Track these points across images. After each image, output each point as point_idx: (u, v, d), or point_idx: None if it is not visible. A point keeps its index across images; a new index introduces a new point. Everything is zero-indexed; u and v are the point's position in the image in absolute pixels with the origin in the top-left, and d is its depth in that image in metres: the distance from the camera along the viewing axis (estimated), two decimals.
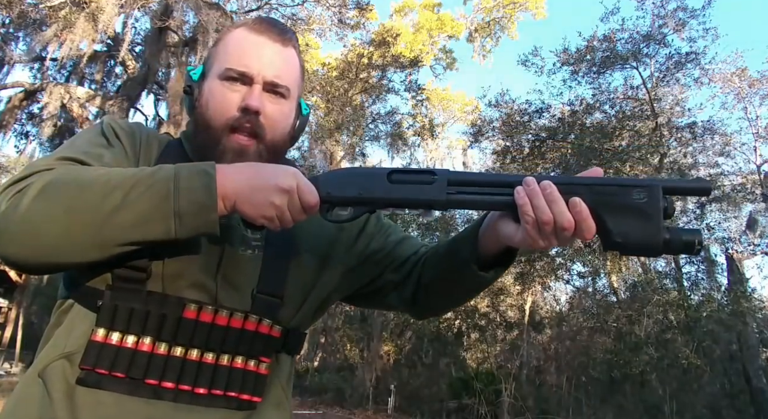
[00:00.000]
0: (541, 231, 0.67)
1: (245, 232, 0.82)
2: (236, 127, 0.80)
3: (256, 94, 0.81)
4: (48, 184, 0.65)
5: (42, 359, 0.72)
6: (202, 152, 0.82)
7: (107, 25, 8.33)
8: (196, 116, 0.85)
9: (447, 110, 18.11)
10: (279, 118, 0.84)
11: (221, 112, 0.81)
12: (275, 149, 0.84)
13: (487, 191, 0.71)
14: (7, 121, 9.75)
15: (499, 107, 11.02)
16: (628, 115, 9.66)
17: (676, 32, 9.54)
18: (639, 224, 0.65)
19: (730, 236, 9.67)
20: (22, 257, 0.65)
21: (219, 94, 0.82)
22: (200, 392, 0.71)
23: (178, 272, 0.74)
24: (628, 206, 0.66)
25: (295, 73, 0.88)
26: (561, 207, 0.66)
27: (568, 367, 9.81)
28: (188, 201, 0.65)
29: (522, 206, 0.67)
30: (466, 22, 17.19)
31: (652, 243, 0.64)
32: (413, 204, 0.72)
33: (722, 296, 8.44)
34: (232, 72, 0.81)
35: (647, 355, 7.47)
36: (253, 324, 0.76)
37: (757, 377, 8.17)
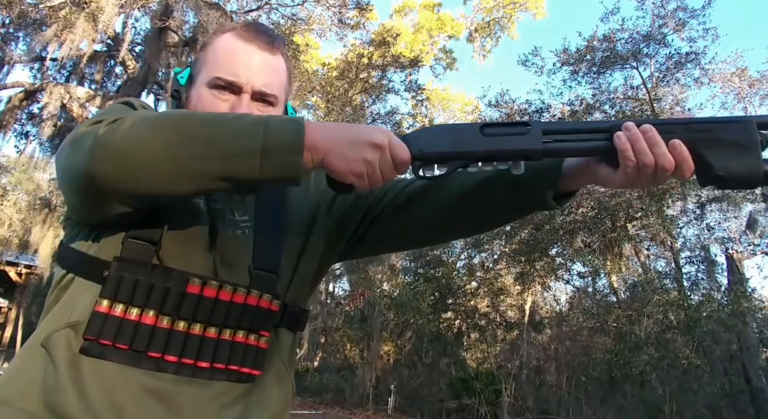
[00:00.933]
0: (641, 173, 0.69)
1: (232, 216, 0.84)
2: None
3: (245, 104, 0.82)
4: (142, 117, 0.66)
5: (44, 328, 0.72)
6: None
7: (107, 25, 8.33)
8: None
9: (447, 110, 18.12)
10: None
11: None
12: None
13: (585, 138, 0.71)
14: (7, 121, 9.75)
15: (499, 106, 11.02)
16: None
17: (676, 32, 9.54)
18: (738, 157, 0.66)
19: (730, 236, 9.67)
20: (113, 174, 0.64)
21: (208, 102, 0.83)
22: (202, 366, 0.73)
23: (178, 250, 0.76)
24: (727, 140, 0.67)
25: (282, 80, 0.89)
26: (662, 149, 0.68)
27: (568, 367, 9.81)
28: (275, 141, 0.64)
29: (624, 151, 0.68)
30: (466, 22, 17.20)
31: (754, 174, 0.65)
32: (510, 155, 0.71)
33: (722, 296, 8.44)
34: (221, 81, 0.83)
35: (647, 355, 7.47)
36: (254, 299, 0.78)
37: (757, 377, 8.17)
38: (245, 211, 0.86)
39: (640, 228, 9.40)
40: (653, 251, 10.49)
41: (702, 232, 9.37)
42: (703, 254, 9.43)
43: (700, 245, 9.48)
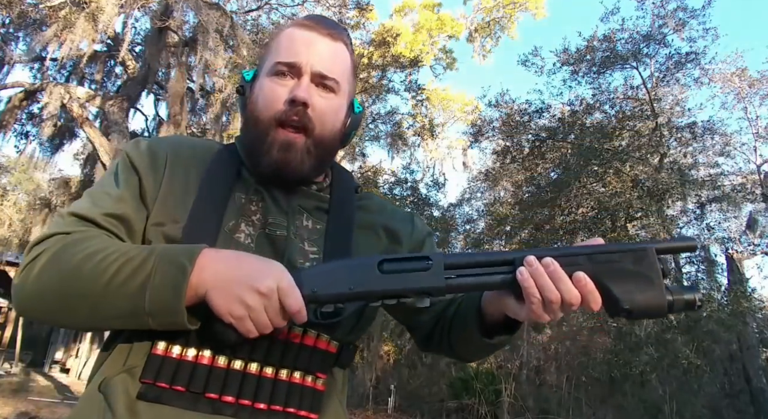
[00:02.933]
0: (547, 308, 0.66)
1: (302, 244, 0.81)
2: (283, 120, 0.79)
3: (304, 85, 0.79)
4: (51, 259, 0.68)
5: (102, 373, 0.72)
6: (251, 149, 0.83)
7: (107, 25, 8.33)
8: (247, 114, 0.84)
9: (447, 110, 18.11)
10: (328, 112, 0.82)
11: (269, 106, 0.80)
12: (323, 146, 0.83)
13: (488, 271, 0.69)
14: (7, 121, 9.75)
15: (499, 106, 11.01)
16: (628, 115, 9.65)
17: (676, 32, 9.53)
18: (643, 290, 0.65)
19: (730, 236, 9.68)
20: (37, 318, 0.72)
21: (268, 89, 0.81)
22: (260, 407, 0.70)
23: None
24: (630, 271, 0.66)
25: (345, 68, 0.85)
26: (567, 285, 0.66)
27: (568, 367, 9.81)
28: (156, 302, 0.64)
29: (527, 288, 0.66)
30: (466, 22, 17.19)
31: (658, 305, 0.65)
32: (411, 293, 0.68)
33: (722, 296, 8.44)
34: (281, 65, 0.81)
35: (647, 355, 7.47)
36: (311, 339, 0.76)
37: (757, 377, 8.17)
38: (315, 242, 0.83)
39: (640, 228, 9.40)
40: None
41: (702, 232, 9.36)
42: (703, 254, 9.42)
43: (700, 245, 9.47)
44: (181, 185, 0.80)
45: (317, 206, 0.87)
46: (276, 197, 0.83)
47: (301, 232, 0.83)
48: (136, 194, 0.78)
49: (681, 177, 8.48)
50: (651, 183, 8.55)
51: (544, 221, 10.10)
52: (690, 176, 8.80)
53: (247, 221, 0.80)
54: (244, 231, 0.79)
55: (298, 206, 0.85)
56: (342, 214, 0.87)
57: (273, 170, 0.80)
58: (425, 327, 0.93)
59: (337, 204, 0.88)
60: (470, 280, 0.68)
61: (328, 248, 0.82)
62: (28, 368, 12.26)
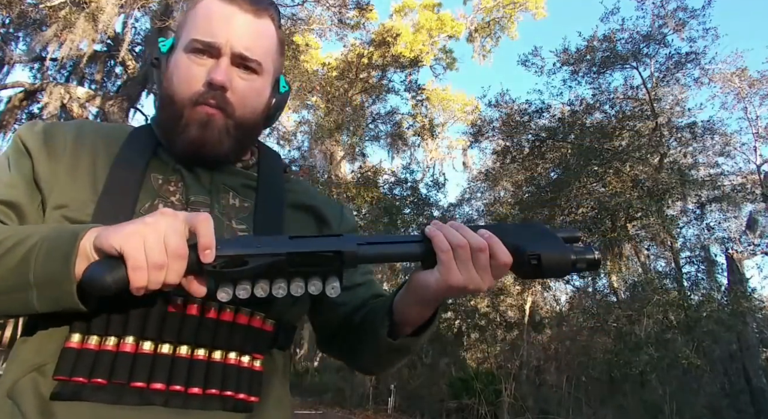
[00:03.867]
0: (457, 258, 0.64)
1: (229, 222, 0.76)
2: (200, 102, 0.74)
3: (223, 67, 0.74)
4: None
5: (8, 375, 0.64)
6: (166, 128, 0.78)
7: (107, 25, 8.33)
8: (161, 90, 0.79)
9: (447, 110, 18.11)
10: (249, 95, 0.77)
11: (185, 86, 0.75)
12: (244, 128, 0.78)
13: (398, 240, 0.69)
14: (7, 121, 9.75)
15: (499, 107, 11.02)
16: (628, 115, 9.66)
17: (676, 32, 9.53)
18: (547, 245, 0.67)
19: (730, 236, 9.67)
20: None
21: (184, 67, 0.76)
22: (194, 392, 0.65)
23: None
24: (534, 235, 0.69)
25: (269, 46, 0.80)
26: (471, 232, 0.66)
27: (568, 367, 9.81)
28: (42, 270, 0.57)
29: (435, 237, 0.65)
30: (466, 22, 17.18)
31: (563, 260, 0.66)
32: (319, 258, 0.63)
33: (722, 296, 8.44)
34: (198, 43, 0.75)
35: (647, 355, 7.46)
36: (245, 318, 0.71)
37: (757, 377, 8.17)
38: (243, 220, 0.78)
39: (640, 228, 9.40)
40: (653, 251, 10.50)
41: (702, 232, 9.37)
42: (703, 254, 9.43)
43: (700, 245, 9.48)
44: (87, 167, 0.74)
45: (244, 183, 0.82)
46: (197, 175, 0.78)
47: (228, 211, 0.78)
48: (29, 178, 0.73)
49: (681, 177, 8.48)
50: (651, 183, 8.56)
51: (544, 221, 10.09)
52: (690, 176, 8.80)
53: (165, 202, 0.74)
54: None
55: (223, 185, 0.80)
56: (271, 191, 0.83)
57: (190, 149, 0.76)
58: (331, 325, 0.88)
59: (265, 182, 0.84)
60: (381, 248, 0.67)
61: (258, 225, 0.77)
62: None
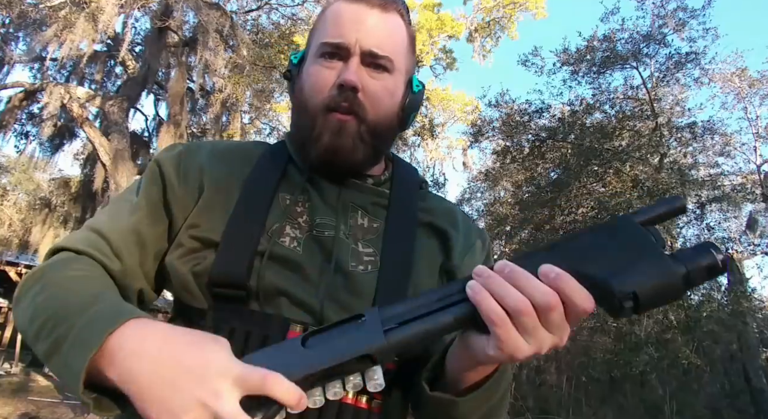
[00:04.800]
0: (519, 326, 0.48)
1: (354, 245, 0.72)
2: (332, 107, 0.71)
3: (353, 68, 0.71)
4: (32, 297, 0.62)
5: None
6: (300, 138, 0.76)
7: (107, 25, 8.33)
8: (294, 100, 0.78)
9: (447, 110, 18.11)
10: (381, 94, 0.73)
11: (317, 91, 0.73)
12: (378, 131, 0.74)
13: (435, 307, 0.51)
14: (7, 121, 9.75)
15: (499, 107, 11.02)
16: (628, 115, 9.65)
17: (676, 32, 9.53)
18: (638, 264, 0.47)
19: (730, 236, 9.67)
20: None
21: (314, 73, 0.74)
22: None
23: (276, 290, 0.65)
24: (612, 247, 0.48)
25: (400, 42, 0.76)
26: (532, 282, 0.48)
27: (568, 367, 9.81)
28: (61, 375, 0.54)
29: (481, 302, 0.48)
30: (466, 22, 17.18)
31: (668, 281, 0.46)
32: (346, 367, 0.50)
33: (722, 296, 8.44)
34: (327, 46, 0.73)
35: (647, 355, 7.47)
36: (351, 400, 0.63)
37: (757, 377, 8.17)
38: (371, 243, 0.73)
39: None
40: None
41: (702, 232, 9.36)
42: None
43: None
44: (222, 188, 0.73)
45: (374, 201, 0.78)
46: (325, 195, 0.75)
47: (355, 231, 0.74)
48: (156, 203, 0.73)
49: (681, 177, 8.48)
50: (651, 183, 8.56)
51: (544, 221, 10.10)
52: (690, 176, 8.81)
53: (292, 223, 0.72)
54: (289, 234, 0.71)
55: (351, 203, 0.76)
56: (403, 211, 0.77)
57: (324, 158, 0.73)
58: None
59: (397, 200, 0.78)
60: (417, 326, 0.51)
61: (386, 248, 0.72)
62: (29, 368, 12.26)
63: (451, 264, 0.77)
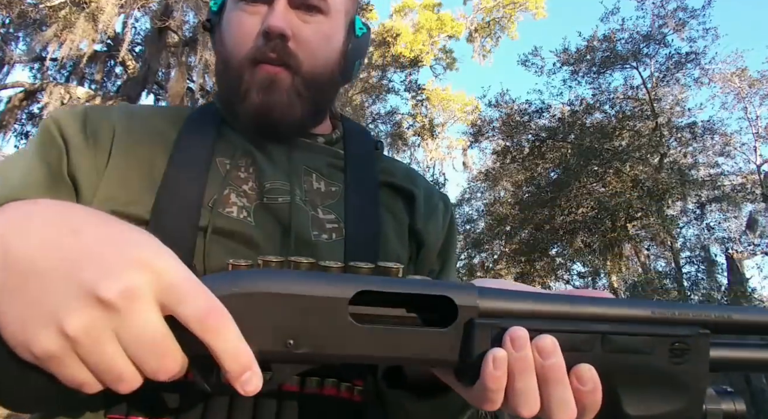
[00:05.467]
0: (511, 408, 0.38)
1: (314, 211, 0.63)
2: (259, 59, 0.62)
3: (279, 11, 0.61)
4: None
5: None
6: (226, 97, 0.67)
7: (107, 25, 8.33)
8: (216, 54, 0.68)
9: (447, 110, 18.11)
10: (317, 40, 0.64)
11: (239, 43, 0.63)
12: (317, 83, 0.65)
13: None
14: (7, 121, 9.75)
15: (499, 107, 11.02)
16: (628, 115, 9.66)
17: (676, 32, 9.54)
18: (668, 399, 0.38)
19: (730, 236, 9.67)
20: None
21: (236, 20, 0.64)
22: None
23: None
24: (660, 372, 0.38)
25: None
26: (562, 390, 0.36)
27: None
28: None
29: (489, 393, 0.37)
30: (466, 22, 17.19)
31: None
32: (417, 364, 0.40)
33: (722, 296, 8.44)
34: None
35: None
36: (332, 389, 0.56)
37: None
38: (331, 208, 0.65)
39: (640, 228, 9.40)
40: (653, 251, 10.49)
41: (702, 232, 9.37)
42: (703, 254, 9.42)
43: (700, 245, 9.48)
44: (142, 155, 0.61)
45: (330, 162, 0.69)
46: (272, 157, 0.66)
47: (312, 196, 0.65)
48: (56, 170, 0.59)
49: (681, 177, 8.48)
50: (651, 183, 8.56)
51: (544, 221, 10.10)
52: (690, 176, 8.81)
53: (237, 190, 0.62)
54: (236, 204, 0.60)
55: (304, 166, 0.67)
56: (363, 171, 0.68)
57: (256, 119, 0.64)
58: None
59: (355, 160, 0.69)
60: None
61: (350, 214, 0.64)
62: None
63: (416, 227, 0.69)
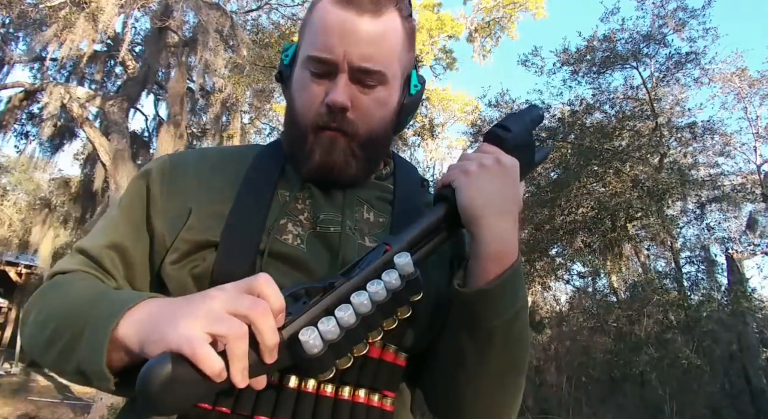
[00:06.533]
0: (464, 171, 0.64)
1: (361, 240, 0.70)
2: (322, 125, 0.70)
3: (340, 87, 0.67)
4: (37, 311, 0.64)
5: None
6: (291, 150, 0.75)
7: (107, 25, 8.33)
8: (287, 106, 0.76)
9: (447, 110, 18.11)
10: (373, 109, 0.71)
11: (306, 107, 0.71)
12: (371, 144, 0.72)
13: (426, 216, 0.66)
14: (7, 121, 9.75)
15: (499, 106, 11.02)
16: (628, 115, 9.66)
17: (676, 32, 9.53)
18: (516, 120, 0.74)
19: (730, 236, 9.67)
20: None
21: (303, 87, 0.71)
22: None
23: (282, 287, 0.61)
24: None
25: (393, 46, 0.71)
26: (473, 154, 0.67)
27: (568, 367, 9.81)
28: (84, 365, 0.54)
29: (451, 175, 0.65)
30: (466, 22, 17.18)
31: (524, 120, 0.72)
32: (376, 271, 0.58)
33: (722, 296, 8.44)
34: (314, 61, 0.69)
35: (647, 355, 7.47)
36: (376, 351, 0.63)
37: (757, 377, 8.18)
38: (378, 237, 0.72)
39: (640, 228, 9.40)
40: (653, 251, 10.49)
41: (702, 232, 9.36)
42: (703, 254, 9.42)
43: (700, 245, 9.47)
44: (214, 189, 0.71)
45: (379, 196, 0.77)
46: (328, 191, 0.74)
47: (361, 226, 0.72)
48: (139, 218, 0.71)
49: (681, 177, 8.48)
50: (651, 183, 8.55)
51: (544, 221, 10.10)
52: (690, 176, 8.81)
53: (294, 220, 0.70)
54: (291, 232, 0.68)
55: (357, 198, 0.75)
56: (408, 204, 0.76)
57: (317, 175, 0.72)
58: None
59: (402, 193, 0.77)
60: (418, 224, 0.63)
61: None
62: (29, 368, 12.25)
63: (460, 254, 0.76)
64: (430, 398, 0.75)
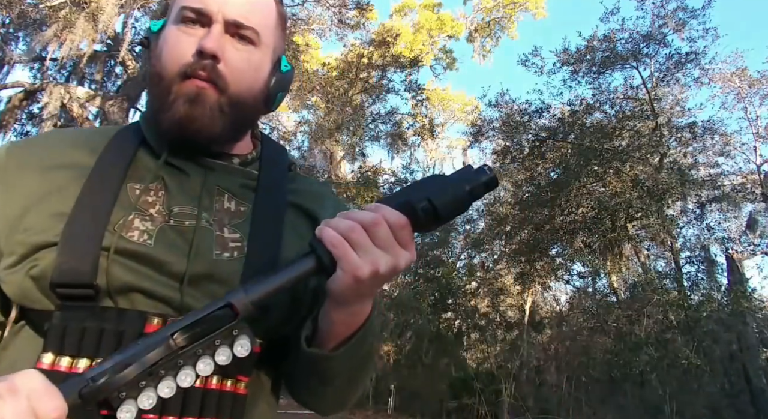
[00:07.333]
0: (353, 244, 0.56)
1: (220, 231, 0.68)
2: (189, 73, 0.66)
3: (214, 34, 0.67)
4: None
5: None
6: (153, 109, 0.70)
7: (107, 25, 8.33)
8: (151, 71, 0.71)
9: (447, 110, 18.13)
10: (244, 67, 0.69)
11: (173, 59, 0.68)
12: (240, 106, 0.69)
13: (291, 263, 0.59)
14: (7, 121, 9.75)
15: (499, 106, 11.03)
16: (628, 115, 9.66)
17: (676, 32, 9.54)
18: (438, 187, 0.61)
19: (730, 236, 9.68)
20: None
21: (172, 39, 0.69)
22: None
23: (127, 286, 0.61)
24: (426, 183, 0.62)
25: (268, 15, 0.73)
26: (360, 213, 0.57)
27: (568, 367, 9.82)
28: None
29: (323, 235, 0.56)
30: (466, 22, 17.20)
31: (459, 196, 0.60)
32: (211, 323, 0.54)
33: (722, 296, 8.45)
34: (187, 10, 0.69)
35: (647, 355, 7.47)
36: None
37: (757, 377, 8.18)
38: (238, 227, 0.69)
39: (640, 228, 9.41)
40: (653, 251, 10.50)
41: (702, 232, 9.37)
42: (703, 254, 9.43)
43: (700, 245, 9.48)
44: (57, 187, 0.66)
45: (242, 183, 0.74)
46: (184, 181, 0.70)
47: (221, 216, 0.69)
48: None
49: (681, 177, 8.48)
50: (651, 183, 8.56)
51: (544, 221, 10.10)
52: (690, 176, 8.81)
53: (143, 215, 0.66)
54: (138, 228, 0.64)
55: (217, 187, 0.71)
56: (272, 192, 0.74)
57: (177, 128, 0.67)
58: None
59: (266, 181, 0.75)
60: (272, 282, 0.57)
61: (253, 233, 0.68)
62: None
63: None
64: (288, 384, 0.76)
